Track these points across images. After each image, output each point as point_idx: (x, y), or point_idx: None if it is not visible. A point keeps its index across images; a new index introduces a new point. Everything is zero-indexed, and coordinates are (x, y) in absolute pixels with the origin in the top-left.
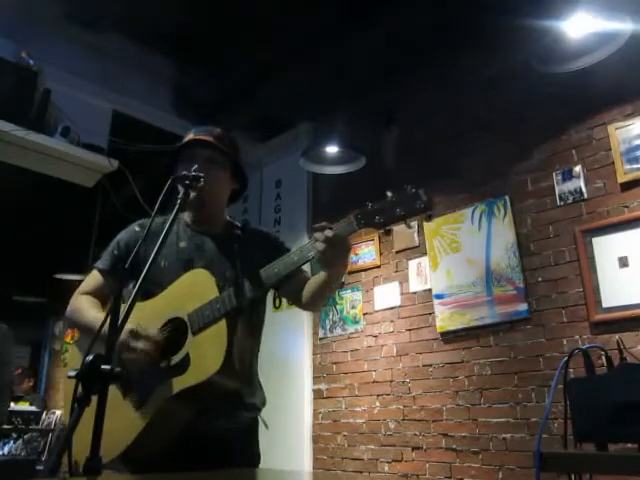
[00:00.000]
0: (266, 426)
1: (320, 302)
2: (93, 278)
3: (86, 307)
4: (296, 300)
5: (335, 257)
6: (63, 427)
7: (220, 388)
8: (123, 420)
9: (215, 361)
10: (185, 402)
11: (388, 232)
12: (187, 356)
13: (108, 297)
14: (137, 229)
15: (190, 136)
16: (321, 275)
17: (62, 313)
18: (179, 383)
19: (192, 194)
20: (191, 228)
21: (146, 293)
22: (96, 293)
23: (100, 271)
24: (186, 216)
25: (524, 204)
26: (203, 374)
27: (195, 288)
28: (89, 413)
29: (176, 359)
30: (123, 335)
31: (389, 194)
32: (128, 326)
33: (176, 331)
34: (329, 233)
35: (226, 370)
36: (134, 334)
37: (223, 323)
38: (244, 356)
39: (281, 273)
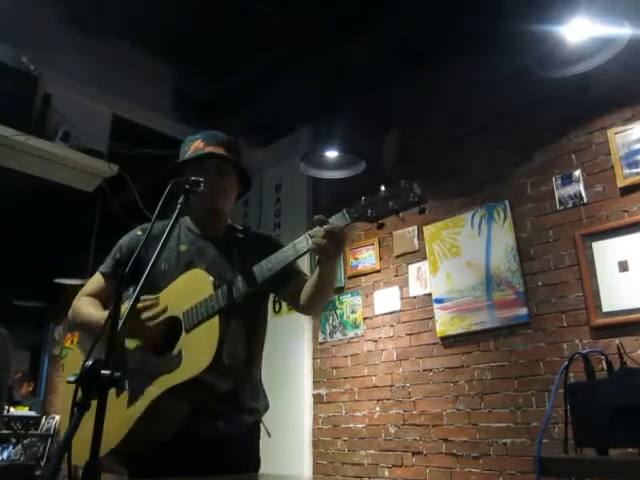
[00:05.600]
0: (268, 434)
1: (317, 304)
2: (96, 281)
3: (85, 305)
4: (294, 303)
5: (330, 247)
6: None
7: (213, 386)
8: (115, 419)
9: (206, 357)
10: (178, 399)
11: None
12: (180, 353)
13: (109, 300)
14: (139, 233)
15: (197, 143)
16: (315, 272)
17: (62, 318)
18: (171, 379)
19: (203, 201)
20: (192, 232)
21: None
22: (98, 295)
23: (102, 274)
24: (188, 220)
25: (524, 208)
26: (194, 370)
27: (191, 287)
28: (86, 416)
29: (169, 356)
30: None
31: (382, 188)
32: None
33: (171, 329)
34: (326, 227)
35: (217, 366)
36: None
37: (216, 320)
38: (238, 355)
39: (275, 268)
